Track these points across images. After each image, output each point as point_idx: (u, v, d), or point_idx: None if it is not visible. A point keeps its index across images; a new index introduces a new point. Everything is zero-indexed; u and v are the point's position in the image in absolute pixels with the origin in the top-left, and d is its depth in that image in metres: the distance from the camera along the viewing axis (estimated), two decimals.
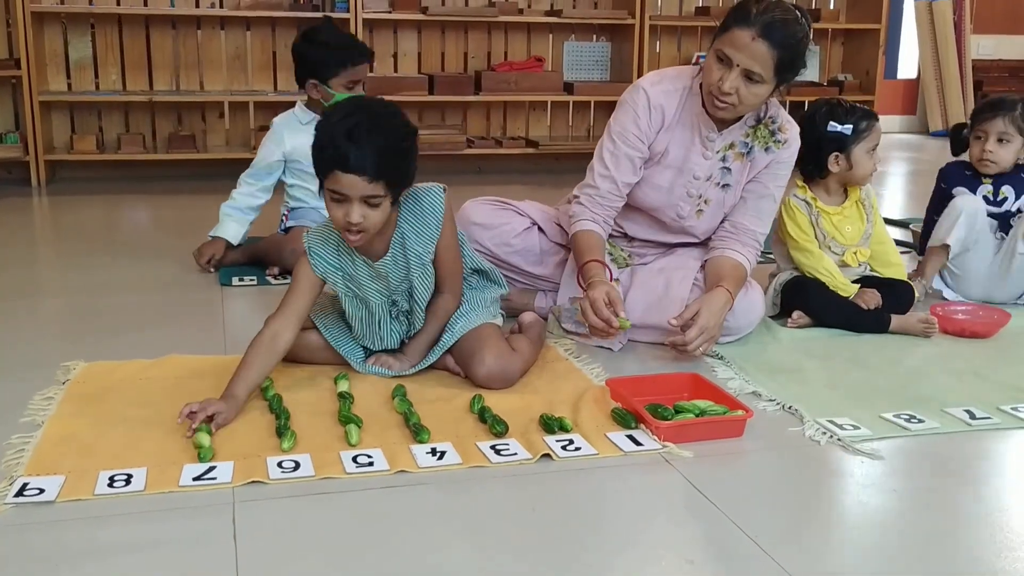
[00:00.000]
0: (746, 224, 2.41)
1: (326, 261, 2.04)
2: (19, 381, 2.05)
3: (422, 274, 2.07)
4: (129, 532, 1.46)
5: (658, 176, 2.41)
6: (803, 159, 2.54)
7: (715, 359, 2.29)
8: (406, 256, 2.05)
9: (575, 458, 1.73)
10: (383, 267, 2.04)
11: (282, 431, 1.77)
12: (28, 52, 4.60)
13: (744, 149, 2.38)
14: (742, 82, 2.19)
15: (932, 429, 1.90)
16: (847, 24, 6.08)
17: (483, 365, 2.05)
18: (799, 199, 2.60)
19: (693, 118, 2.36)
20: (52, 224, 4.13)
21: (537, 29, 5.62)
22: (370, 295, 2.08)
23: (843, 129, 2.55)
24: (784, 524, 1.54)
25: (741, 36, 2.16)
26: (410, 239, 2.04)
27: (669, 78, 2.40)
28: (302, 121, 3.13)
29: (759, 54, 2.15)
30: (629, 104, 2.38)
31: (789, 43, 2.16)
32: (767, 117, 2.38)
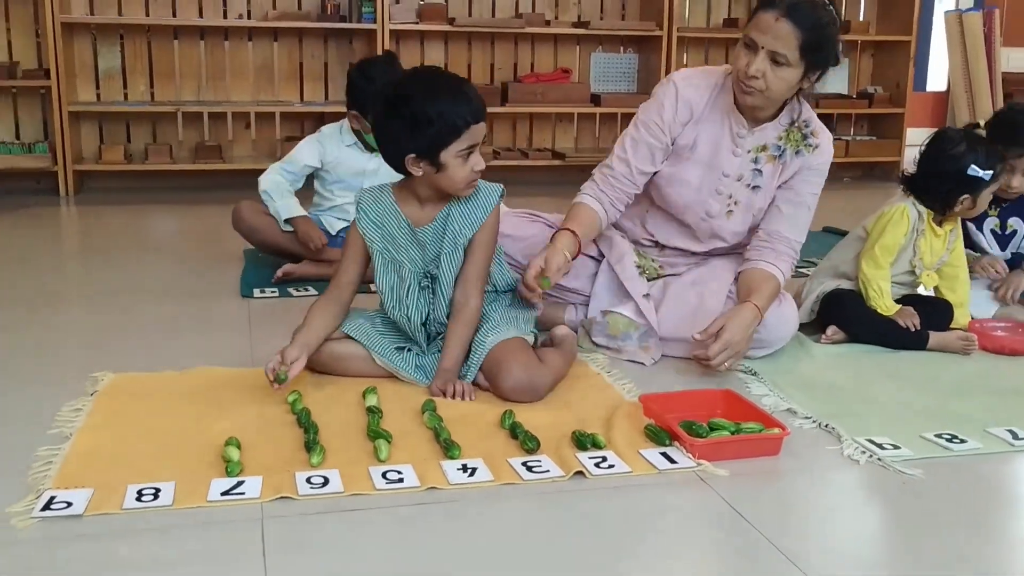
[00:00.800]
0: (781, 232, 2.38)
1: (371, 218, 2.11)
2: (47, 391, 2.04)
3: (452, 252, 2.10)
4: (156, 548, 1.44)
5: (687, 172, 2.40)
6: (929, 187, 2.48)
7: (748, 375, 2.26)
8: (444, 231, 2.09)
9: (609, 476, 1.70)
10: (423, 234, 2.10)
11: (311, 446, 1.75)
12: (58, 62, 4.63)
13: (776, 152, 2.37)
14: (768, 66, 2.20)
15: (975, 450, 1.85)
16: (877, 36, 6.04)
17: (510, 376, 2.02)
18: (915, 209, 2.50)
19: (723, 114, 2.36)
20: (80, 234, 4.15)
21: (564, 40, 5.61)
22: (405, 259, 2.11)
23: (984, 175, 2.42)
24: (823, 545, 1.50)
25: (766, 18, 2.18)
26: (454, 218, 2.09)
27: (700, 74, 2.43)
28: (345, 142, 3.18)
29: (783, 34, 2.16)
30: (658, 95, 2.42)
31: (815, 24, 2.16)
32: (800, 120, 2.37)
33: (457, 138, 1.99)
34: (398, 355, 2.14)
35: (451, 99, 1.98)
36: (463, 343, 2.11)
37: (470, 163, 2.02)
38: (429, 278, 2.14)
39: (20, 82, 4.78)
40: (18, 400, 2.02)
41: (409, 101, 1.98)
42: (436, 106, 1.96)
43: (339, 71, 5.32)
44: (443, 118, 1.97)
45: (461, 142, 1.99)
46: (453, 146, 1.99)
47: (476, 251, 2.12)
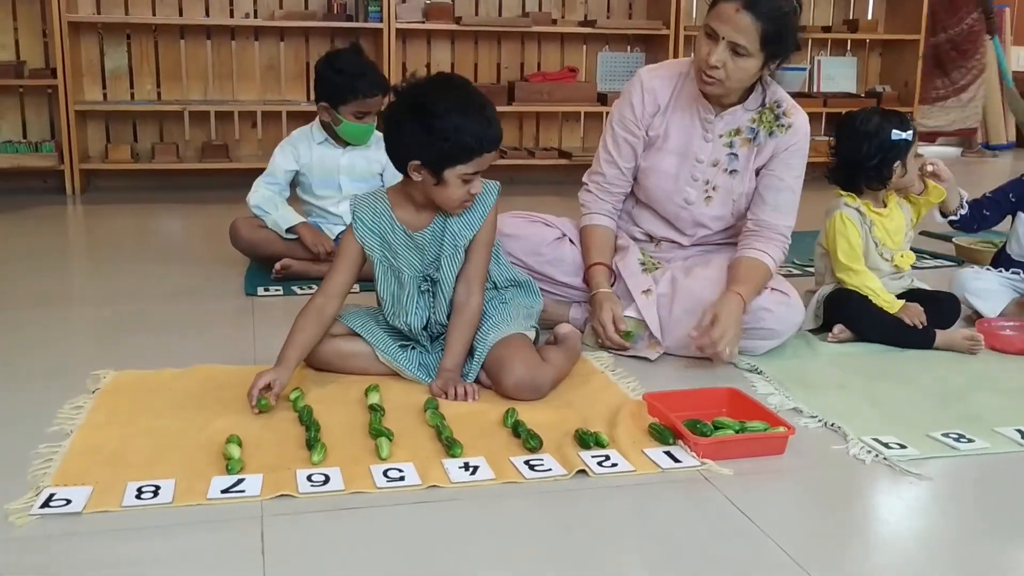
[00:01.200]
0: (767, 219, 2.39)
1: (367, 225, 2.08)
2: (49, 389, 2.03)
3: (452, 255, 2.08)
4: (156, 545, 1.43)
5: (663, 162, 2.43)
6: (859, 170, 2.51)
7: (754, 374, 2.24)
8: (443, 234, 2.07)
9: (611, 474, 1.69)
10: (421, 237, 2.07)
11: (312, 444, 1.74)
12: (64, 62, 4.63)
13: (751, 135, 2.39)
14: (729, 56, 2.21)
15: (982, 449, 1.83)
16: (885, 35, 6.01)
17: (512, 375, 2.01)
18: (851, 209, 2.52)
19: (690, 101, 2.39)
20: (86, 232, 4.15)
21: (571, 39, 5.59)
22: (404, 265, 2.09)
23: (906, 135, 2.49)
24: (828, 545, 1.48)
25: (726, 9, 2.18)
26: (453, 220, 2.07)
27: (665, 65, 2.48)
28: (316, 140, 3.19)
29: (743, 26, 2.16)
30: (626, 91, 2.46)
31: (774, 15, 2.17)
32: (772, 101, 2.38)
33: (467, 161, 1.96)
34: (402, 353, 2.13)
35: (474, 121, 1.94)
36: (465, 342, 2.09)
37: (469, 186, 2.00)
38: (429, 281, 2.13)
39: (27, 81, 4.79)
40: (20, 398, 2.02)
41: (433, 110, 1.93)
42: (457, 123, 1.92)
43: None
44: (459, 138, 1.93)
45: (469, 166, 1.97)
46: (460, 167, 1.96)
47: (477, 250, 2.10)
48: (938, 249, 3.74)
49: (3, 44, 4.89)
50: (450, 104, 1.94)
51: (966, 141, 7.28)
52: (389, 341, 2.14)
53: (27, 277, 3.13)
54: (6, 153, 4.72)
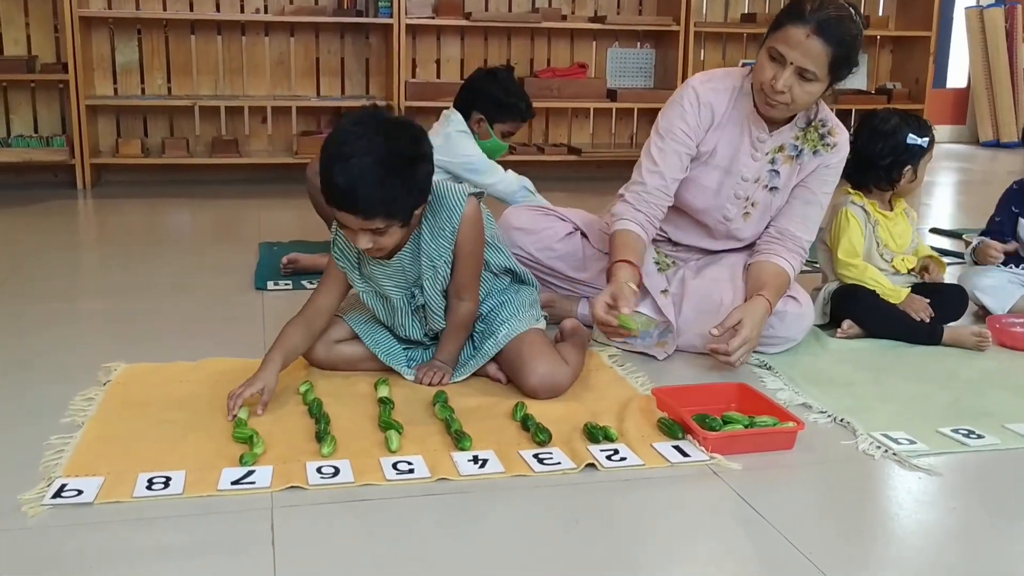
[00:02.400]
0: (792, 230, 2.36)
1: (347, 257, 2.04)
2: (60, 381, 2.04)
3: (432, 276, 2.01)
4: (166, 536, 1.44)
5: (706, 177, 2.37)
6: (870, 168, 2.51)
7: (763, 369, 2.24)
8: (418, 256, 2.00)
9: (620, 468, 1.69)
10: (398, 262, 2.00)
11: (322, 436, 1.74)
12: (75, 56, 4.65)
13: (794, 152, 2.34)
14: (796, 80, 2.16)
15: (992, 445, 1.83)
16: (896, 31, 5.98)
17: (535, 375, 2.00)
18: (856, 207, 2.53)
19: (743, 118, 2.33)
20: (96, 226, 4.16)
21: (581, 35, 5.59)
22: (387, 290, 2.04)
23: (922, 142, 2.49)
24: (838, 540, 1.48)
25: (795, 33, 2.12)
26: (425, 238, 1.98)
27: (719, 77, 2.37)
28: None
29: (813, 51, 2.11)
30: (677, 101, 2.35)
31: (844, 40, 2.12)
32: (817, 120, 2.34)
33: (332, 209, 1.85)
34: (403, 354, 2.13)
35: (325, 175, 1.82)
36: (457, 343, 2.10)
37: (351, 236, 1.87)
38: (419, 296, 2.07)
39: (38, 76, 4.80)
40: (32, 390, 2.03)
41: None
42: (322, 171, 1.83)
43: (355, 66, 5.33)
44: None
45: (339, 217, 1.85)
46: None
47: (460, 263, 2.01)
48: (948, 246, 3.73)
49: (15, 39, 4.90)
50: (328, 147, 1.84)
51: None
52: (391, 343, 2.13)
53: (38, 271, 3.15)
54: (17, 147, 4.74)
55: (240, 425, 1.79)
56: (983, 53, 7.53)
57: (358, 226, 1.82)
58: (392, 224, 1.85)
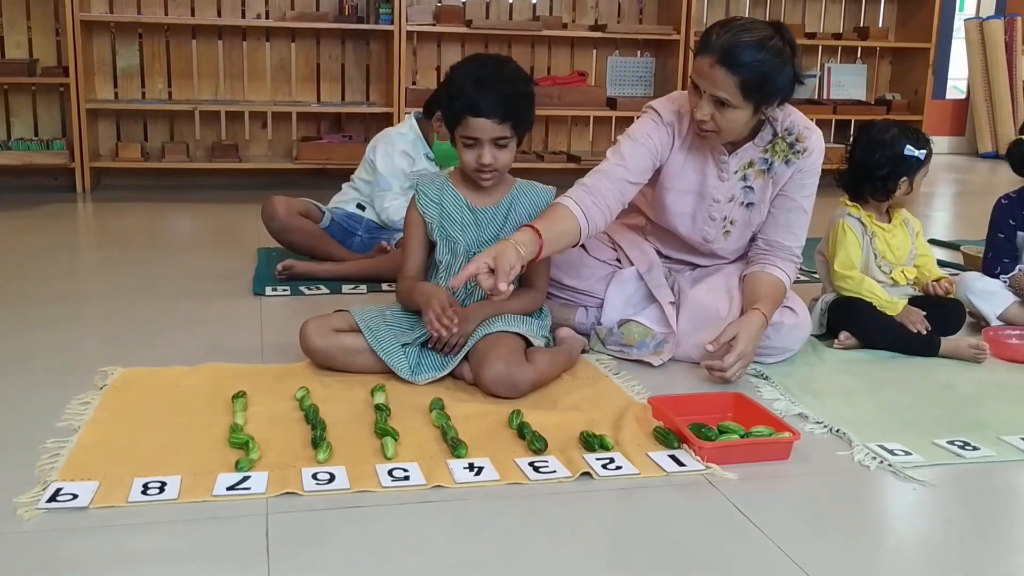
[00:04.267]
0: (780, 241, 2.37)
1: (429, 198, 2.20)
2: (57, 385, 2.04)
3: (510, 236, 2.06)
4: (161, 541, 1.44)
5: (680, 203, 2.38)
6: (866, 178, 2.51)
7: (760, 379, 2.24)
8: (507, 215, 2.18)
9: (615, 477, 1.69)
10: (483, 214, 2.18)
11: (317, 442, 1.75)
12: (76, 60, 4.66)
13: (764, 166, 2.34)
14: (714, 108, 2.15)
15: (987, 457, 1.83)
16: (896, 43, 6.00)
17: (491, 368, 2.02)
18: (853, 219, 2.54)
19: (703, 142, 2.32)
20: (95, 230, 4.17)
21: (581, 44, 5.60)
22: (460, 238, 2.18)
23: (919, 154, 2.50)
24: (832, 551, 1.48)
25: (701, 63, 2.13)
26: (519, 203, 2.20)
27: (678, 100, 2.37)
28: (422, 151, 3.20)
29: (719, 80, 2.11)
30: (646, 117, 2.37)
31: (751, 65, 2.10)
32: (783, 130, 2.33)
33: (459, 124, 2.07)
34: (400, 352, 2.13)
35: (473, 88, 2.06)
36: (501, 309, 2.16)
37: (475, 154, 2.10)
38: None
39: (39, 79, 4.81)
40: (29, 393, 2.03)
41: (452, 72, 2.15)
42: (460, 87, 2.08)
43: (356, 72, 5.34)
44: (453, 101, 2.09)
45: (465, 129, 2.09)
46: (458, 130, 2.09)
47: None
48: (946, 257, 3.73)
49: (16, 42, 4.92)
50: (466, 69, 2.12)
51: None
52: (390, 340, 2.14)
53: (37, 274, 3.15)
54: (18, 150, 4.75)
55: (236, 430, 1.79)
56: (982, 65, 7.55)
57: (489, 135, 2.06)
58: (513, 138, 2.11)
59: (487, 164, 2.09)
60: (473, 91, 2.05)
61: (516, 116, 2.10)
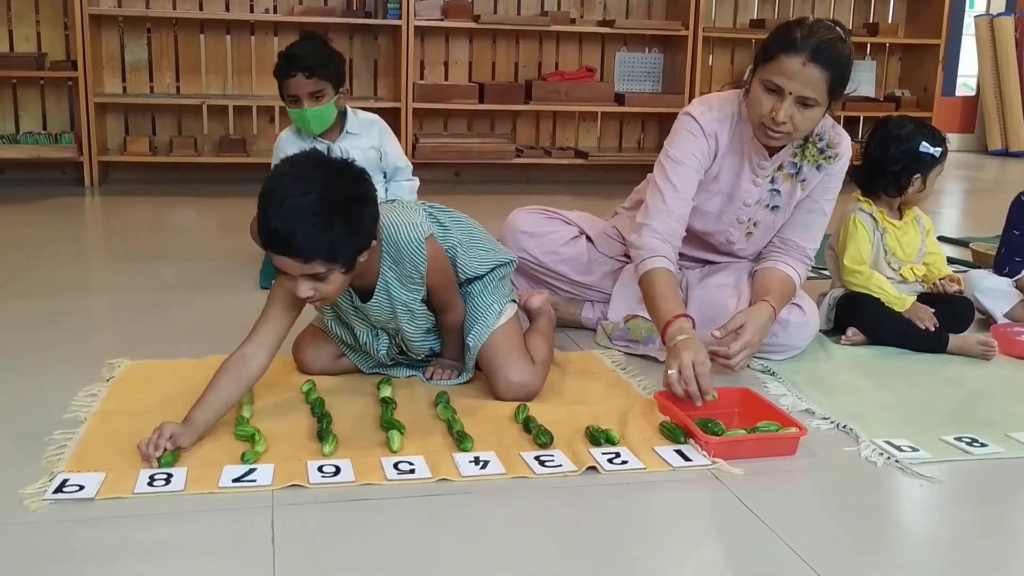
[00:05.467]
0: (796, 241, 2.35)
1: None
2: (64, 377, 2.05)
3: (410, 318, 1.97)
4: (167, 532, 1.44)
5: (708, 202, 2.34)
6: (880, 173, 2.50)
7: (767, 375, 2.23)
8: (392, 303, 1.93)
9: (621, 472, 1.68)
10: (370, 309, 1.94)
11: (323, 435, 1.75)
12: (85, 54, 4.66)
13: (793, 170, 2.31)
14: (796, 109, 2.12)
15: (995, 454, 1.82)
16: (905, 39, 5.97)
17: (503, 378, 1.98)
18: (864, 214, 2.53)
19: (743, 145, 2.29)
20: (103, 224, 4.18)
21: (589, 39, 5.59)
22: (354, 323, 2.00)
23: (934, 151, 2.49)
24: (839, 547, 1.48)
25: (791, 63, 2.08)
26: (394, 288, 1.91)
27: (716, 106, 2.30)
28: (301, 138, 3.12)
29: (812, 79, 2.08)
30: (685, 129, 2.29)
31: (840, 62, 2.10)
32: (814, 135, 2.29)
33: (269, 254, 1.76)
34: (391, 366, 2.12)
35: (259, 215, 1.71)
36: (458, 341, 2.08)
37: (291, 285, 1.75)
38: (388, 330, 2.02)
39: (48, 73, 4.82)
40: (36, 384, 2.03)
41: None
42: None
43: (363, 67, 5.33)
44: None
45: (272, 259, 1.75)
46: None
47: (436, 293, 1.97)
48: (954, 254, 3.72)
49: (25, 36, 4.92)
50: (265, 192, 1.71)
51: None
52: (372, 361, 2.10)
53: (45, 267, 3.15)
54: (26, 144, 4.75)
55: (242, 423, 1.79)
56: (992, 61, 7.51)
57: (297, 271, 1.69)
58: (334, 269, 1.71)
59: (304, 298, 1.76)
60: (274, 227, 1.66)
61: (327, 253, 1.69)
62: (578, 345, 2.43)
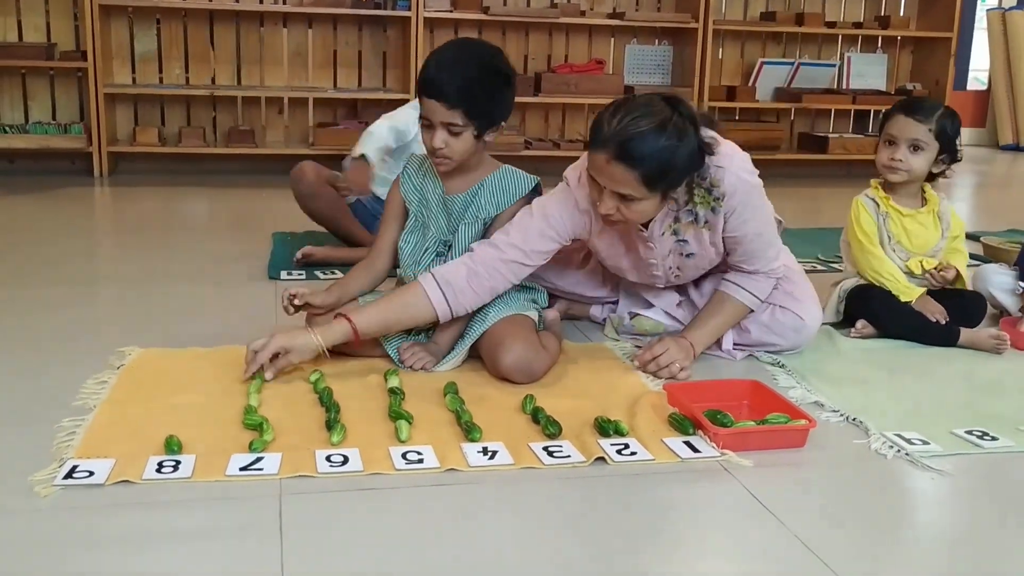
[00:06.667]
0: (744, 267, 2.21)
1: (413, 183, 2.20)
2: (74, 365, 2.05)
3: (471, 224, 2.14)
4: (175, 519, 1.44)
5: (619, 260, 2.26)
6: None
7: (776, 367, 2.23)
8: (471, 203, 2.13)
9: (630, 463, 1.68)
10: (452, 202, 2.14)
11: (332, 425, 1.75)
12: (95, 45, 4.67)
13: (691, 218, 2.11)
14: (619, 202, 1.96)
15: (1007, 447, 1.81)
16: (917, 32, 5.94)
17: (510, 353, 2.00)
18: (868, 198, 2.52)
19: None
20: (112, 214, 4.19)
21: (599, 31, 5.57)
22: (432, 224, 2.16)
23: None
24: (848, 538, 1.47)
25: (597, 159, 1.92)
26: (483, 193, 2.13)
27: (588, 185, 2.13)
28: None
29: (618, 176, 1.90)
30: (562, 195, 2.12)
31: (649, 156, 1.87)
32: (696, 178, 2.04)
33: (420, 102, 2.02)
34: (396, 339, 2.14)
35: (428, 66, 2.02)
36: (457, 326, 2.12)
37: (427, 134, 2.03)
38: (446, 246, 2.17)
39: (57, 63, 4.83)
40: (46, 372, 2.04)
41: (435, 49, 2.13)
42: (425, 63, 2.05)
43: (373, 58, 5.33)
44: (419, 77, 2.05)
45: (421, 108, 2.02)
46: (420, 109, 2.02)
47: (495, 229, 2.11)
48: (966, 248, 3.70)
49: (35, 26, 4.93)
50: (438, 48, 2.09)
51: None
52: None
53: (54, 256, 3.16)
54: (36, 134, 4.76)
55: (250, 412, 1.79)
56: (1004, 56, 7.47)
57: (440, 118, 1.98)
58: (468, 127, 2.00)
59: (437, 147, 2.01)
60: (431, 70, 2.00)
61: (470, 104, 1.98)
62: (587, 337, 2.42)
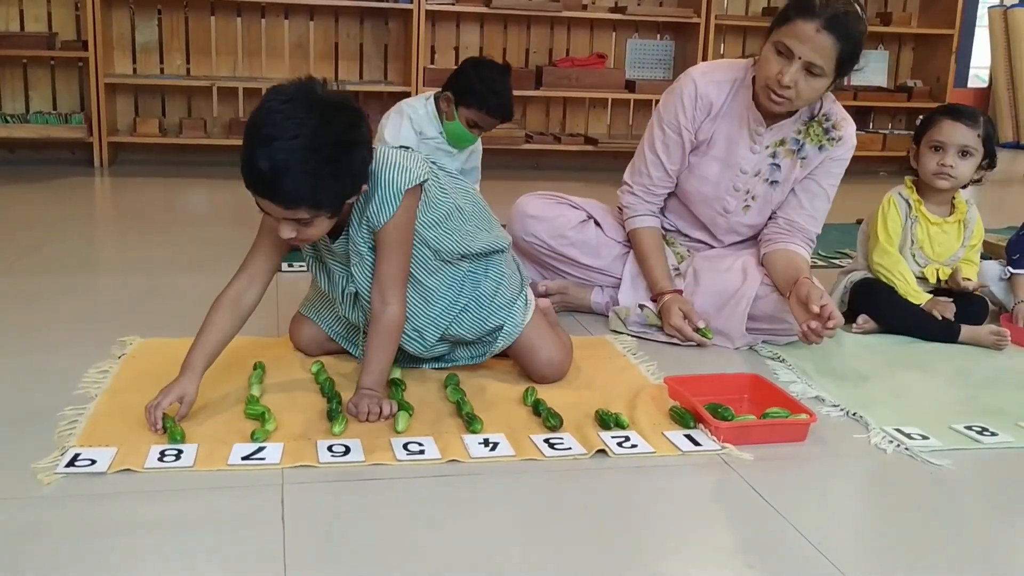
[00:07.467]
0: (801, 223, 2.36)
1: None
2: (75, 354, 2.05)
3: (358, 263, 1.83)
4: (177, 508, 1.44)
5: (705, 167, 2.38)
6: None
7: (776, 361, 2.23)
8: (347, 243, 1.83)
9: (631, 455, 1.68)
10: (339, 247, 1.85)
11: (333, 415, 1.75)
12: (96, 35, 4.66)
13: (795, 146, 2.33)
14: (802, 75, 2.15)
15: (1006, 443, 1.82)
16: (919, 29, 5.94)
17: (545, 357, 1.99)
18: (901, 197, 2.52)
19: (742, 111, 2.32)
20: (112, 204, 4.18)
21: (600, 25, 5.57)
22: (330, 264, 1.91)
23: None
24: (847, 532, 1.48)
25: (805, 28, 2.10)
26: (353, 226, 1.80)
27: (721, 69, 2.37)
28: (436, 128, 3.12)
29: (823, 47, 2.10)
30: (676, 93, 2.37)
31: (853, 36, 2.11)
32: (820, 114, 2.32)
33: None
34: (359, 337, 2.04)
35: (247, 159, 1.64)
36: (385, 359, 1.82)
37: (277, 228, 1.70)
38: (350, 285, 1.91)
39: (58, 53, 4.82)
40: (47, 361, 2.04)
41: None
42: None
43: (374, 51, 5.32)
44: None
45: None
46: None
47: (382, 251, 1.79)
48: None
49: (36, 16, 4.92)
50: (248, 128, 1.68)
51: None
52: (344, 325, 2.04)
53: (55, 246, 3.16)
54: (36, 124, 4.75)
55: (252, 402, 1.79)
56: (1005, 53, 7.46)
57: (280, 215, 1.64)
58: (319, 215, 1.66)
59: (286, 239, 1.71)
60: (249, 168, 1.63)
61: (309, 200, 1.62)
62: (588, 330, 2.42)
